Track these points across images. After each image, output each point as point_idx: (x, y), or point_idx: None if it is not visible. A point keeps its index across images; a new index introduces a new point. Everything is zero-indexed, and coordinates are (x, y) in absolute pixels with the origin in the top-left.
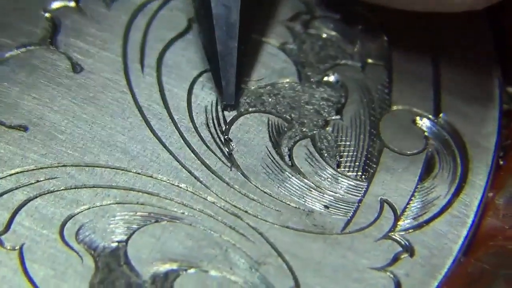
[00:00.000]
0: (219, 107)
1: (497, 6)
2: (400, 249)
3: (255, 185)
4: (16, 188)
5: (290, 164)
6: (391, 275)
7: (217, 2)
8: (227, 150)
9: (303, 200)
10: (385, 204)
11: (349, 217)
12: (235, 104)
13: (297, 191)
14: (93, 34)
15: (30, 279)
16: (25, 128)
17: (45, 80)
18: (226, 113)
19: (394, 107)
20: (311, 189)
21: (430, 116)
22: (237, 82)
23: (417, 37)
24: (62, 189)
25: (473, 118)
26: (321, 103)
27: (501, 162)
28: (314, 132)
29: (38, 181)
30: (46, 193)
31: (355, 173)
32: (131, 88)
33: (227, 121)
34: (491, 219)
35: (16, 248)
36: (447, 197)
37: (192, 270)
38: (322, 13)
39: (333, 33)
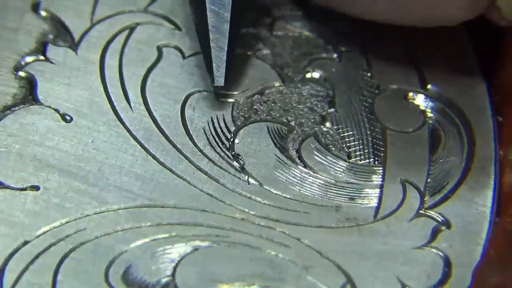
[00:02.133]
0: (216, 125)
1: None
2: (436, 223)
3: (276, 193)
4: (49, 247)
5: (303, 165)
6: (436, 251)
7: None
8: (239, 165)
9: (327, 197)
10: (406, 183)
11: (377, 204)
12: (225, 86)
13: (318, 189)
14: (71, 82)
15: None
16: (36, 188)
17: (39, 136)
18: (225, 130)
19: (382, 88)
20: (331, 185)
21: (419, 90)
22: (227, 64)
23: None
24: (94, 238)
25: (459, 83)
26: (311, 100)
27: (500, 119)
28: (315, 129)
29: (68, 236)
30: (80, 245)
31: (368, 160)
32: (125, 125)
33: (228, 138)
34: (510, 175)
35: None
36: (462, 164)
37: None
38: (282, 13)
39: (299, 30)
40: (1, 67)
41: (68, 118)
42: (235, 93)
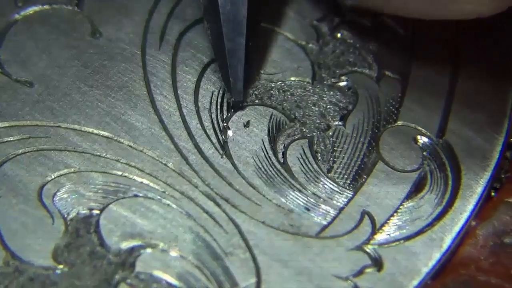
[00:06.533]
0: (225, 94)
1: None
2: (369, 262)
3: (242, 176)
4: (7, 141)
5: (282, 161)
6: (353, 286)
7: None
8: (223, 138)
9: (286, 198)
10: (366, 216)
11: (326, 223)
12: (243, 101)
13: (282, 189)
14: (120, 3)
15: None
16: (30, 84)
17: (63, 40)
18: (231, 101)
19: (399, 122)
20: (296, 189)
21: (433, 137)
22: (245, 79)
23: (440, 58)
24: (52, 149)
25: (476, 147)
26: (328, 106)
27: (493, 194)
28: (314, 134)
29: (30, 137)
30: (35, 151)
31: (344, 181)
32: (144, 61)
33: (230, 110)
34: (468, 247)
35: None
36: (429, 219)
37: (157, 249)
38: (351, 18)
39: (358, 40)
40: None
41: (97, 35)
42: (262, 72)
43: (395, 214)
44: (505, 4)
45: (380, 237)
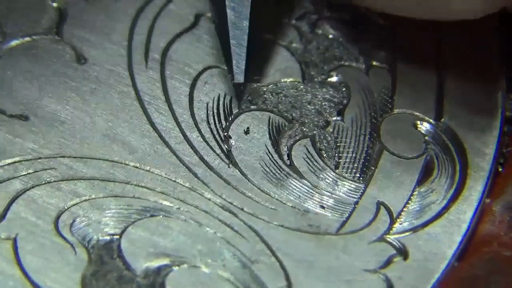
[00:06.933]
0: (220, 103)
1: (505, 15)
2: (394, 252)
3: (252, 183)
4: (14, 178)
5: (288, 163)
6: (384, 278)
7: None
8: (226, 147)
9: (300, 199)
10: (382, 206)
11: (344, 218)
12: (245, 83)
13: (294, 190)
14: (99, 26)
15: (23, 269)
16: (25, 118)
17: (49, 70)
18: (228, 110)
19: (396, 110)
20: (308, 189)
21: (432, 121)
22: (247, 61)
23: (423, 41)
24: (60, 180)
25: (474, 124)
26: (323, 103)
27: (500, 169)
28: (314, 132)
29: (36, 171)
30: (43, 184)
31: (353, 175)
32: (134, 81)
33: (228, 118)
34: (487, 225)
35: (10, 237)
36: (444, 202)
37: (184, 266)
38: (330, 14)
39: (340, 34)
40: None
41: (83, 61)
42: (251, 77)
43: (409, 201)
44: (498, 4)
45: (399, 226)
